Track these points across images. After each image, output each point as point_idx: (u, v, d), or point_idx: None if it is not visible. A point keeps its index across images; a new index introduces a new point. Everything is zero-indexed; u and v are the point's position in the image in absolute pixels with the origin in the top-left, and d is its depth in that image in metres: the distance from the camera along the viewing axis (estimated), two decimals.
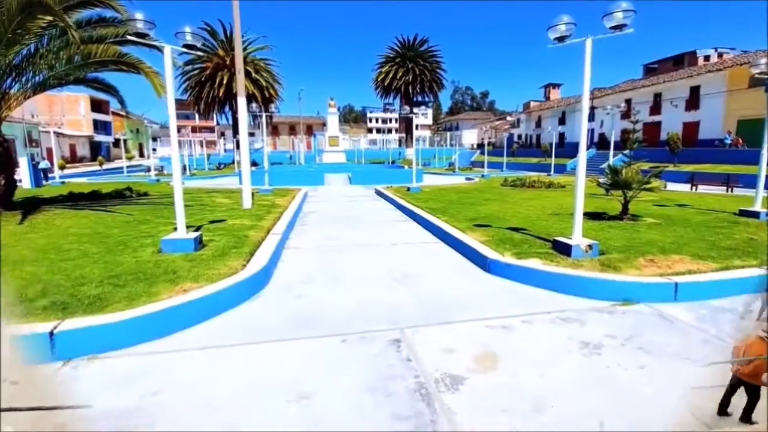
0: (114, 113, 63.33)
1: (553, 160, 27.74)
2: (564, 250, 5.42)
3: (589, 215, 8.88)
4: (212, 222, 7.92)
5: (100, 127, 59.20)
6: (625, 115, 42.22)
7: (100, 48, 8.60)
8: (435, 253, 6.32)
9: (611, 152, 17.52)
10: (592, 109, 47.08)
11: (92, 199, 12.20)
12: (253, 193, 13.94)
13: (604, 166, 8.61)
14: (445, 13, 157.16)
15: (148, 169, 32.57)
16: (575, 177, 5.43)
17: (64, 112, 54.44)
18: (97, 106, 58.24)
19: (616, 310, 3.98)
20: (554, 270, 4.55)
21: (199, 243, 5.99)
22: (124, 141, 62.29)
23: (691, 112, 35.09)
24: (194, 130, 75.31)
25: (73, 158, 51.63)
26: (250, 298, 4.24)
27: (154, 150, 71.84)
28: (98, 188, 14.51)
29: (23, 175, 19.46)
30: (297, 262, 5.77)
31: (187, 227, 7.33)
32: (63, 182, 21.29)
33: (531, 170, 33.10)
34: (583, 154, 5.41)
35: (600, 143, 43.86)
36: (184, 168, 31.03)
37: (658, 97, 39.03)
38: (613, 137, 17.64)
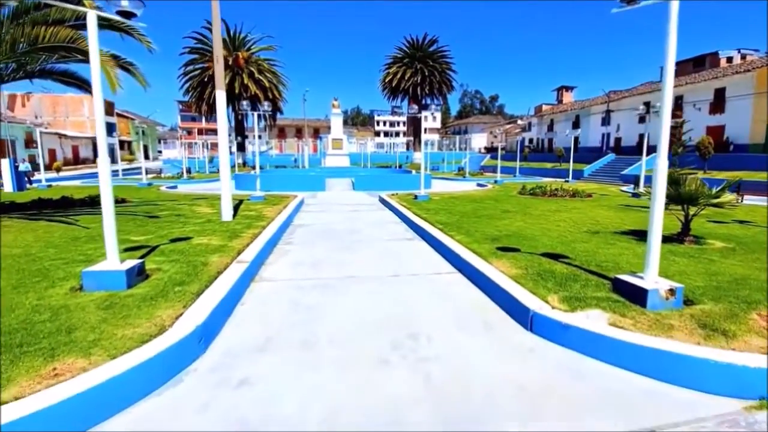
0: (119, 115, 62.69)
1: (571, 166, 25.97)
2: (633, 295, 3.84)
3: (635, 234, 7.27)
4: (174, 240, 6.45)
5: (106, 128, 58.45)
6: (642, 118, 40.36)
7: (49, 31, 7.20)
8: (451, 292, 4.74)
9: (643, 157, 15.76)
10: (608, 112, 45.21)
11: (59, 206, 10.85)
12: (241, 201, 12.51)
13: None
14: (454, 16, 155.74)
15: (146, 172, 31.45)
16: (653, 188, 3.84)
17: (67, 114, 53.85)
18: None
19: (756, 421, 2.40)
20: (639, 341, 2.95)
21: (138, 275, 4.51)
22: (129, 143, 61.82)
23: (715, 116, 33.19)
24: (200, 132, 74.55)
25: (76, 160, 50.99)
26: (164, 386, 2.71)
27: (160, 152, 71.30)
28: (72, 194, 13.16)
29: (5, 178, 18.30)
30: (261, 307, 4.22)
31: (135, 249, 5.87)
32: (49, 185, 20.11)
33: (546, 176, 31.40)
34: (663, 161, 3.83)
35: (616, 148, 42.03)
36: (182, 171, 29.80)
37: (679, 99, 37.08)
38: (646, 141, 15.80)
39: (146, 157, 68.38)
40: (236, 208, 10.62)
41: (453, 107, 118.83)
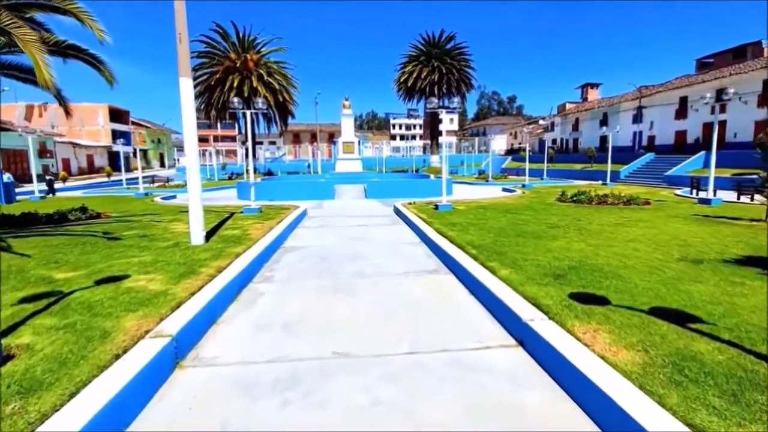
0: (134, 123, 62.60)
1: (609, 167, 23.32)
2: None
3: (757, 263, 5.06)
4: (102, 281, 4.58)
5: (120, 137, 58.51)
6: (679, 114, 37.29)
7: None
8: (516, 405, 2.59)
9: (713, 156, 13.26)
10: (640, 109, 42.17)
11: (16, 225, 9.24)
12: (232, 214, 10.69)
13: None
14: (469, 16, 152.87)
15: (152, 180, 30.27)
16: None
17: (83, 123, 53.83)
18: (117, 116, 58.09)
19: None
20: None
21: None
22: (144, 151, 61.61)
23: (765, 109, 30.04)
24: (216, 139, 74.02)
25: (90, 169, 50.89)
26: None
27: (176, 160, 71.00)
28: (61, 206, 11.59)
29: None
30: None
31: (40, 298, 4.01)
32: (43, 197, 18.88)
33: (576, 178, 28.85)
34: None
35: (649, 147, 39.11)
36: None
37: (721, 93, 33.90)
38: (716, 136, 13.17)
39: (162, 164, 68.34)
40: (219, 225, 8.80)
41: (470, 109, 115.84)
